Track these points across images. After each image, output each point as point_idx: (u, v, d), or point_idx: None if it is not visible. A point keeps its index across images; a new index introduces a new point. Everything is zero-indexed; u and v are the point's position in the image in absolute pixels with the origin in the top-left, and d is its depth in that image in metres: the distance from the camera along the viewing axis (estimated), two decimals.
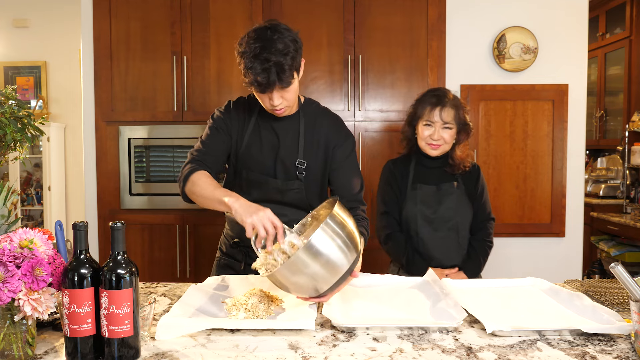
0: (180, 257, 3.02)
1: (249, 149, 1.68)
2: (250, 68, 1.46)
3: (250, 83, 1.49)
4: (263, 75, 1.45)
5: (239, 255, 1.78)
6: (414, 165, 2.03)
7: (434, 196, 1.97)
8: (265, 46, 1.45)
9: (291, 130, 1.69)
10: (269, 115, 1.67)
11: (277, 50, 1.45)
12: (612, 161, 4.66)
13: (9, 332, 1.02)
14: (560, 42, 3.15)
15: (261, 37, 1.46)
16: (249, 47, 1.46)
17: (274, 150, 1.68)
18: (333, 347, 1.11)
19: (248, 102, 1.73)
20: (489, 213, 2.04)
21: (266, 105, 1.58)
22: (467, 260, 1.98)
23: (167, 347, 1.10)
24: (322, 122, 1.72)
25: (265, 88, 1.49)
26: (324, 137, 1.70)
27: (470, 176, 2.03)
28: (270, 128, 1.69)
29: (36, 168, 5.00)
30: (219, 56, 2.97)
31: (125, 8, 3.00)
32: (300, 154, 1.67)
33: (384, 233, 2.01)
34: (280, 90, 1.51)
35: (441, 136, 1.94)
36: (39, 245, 1.05)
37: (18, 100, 1.42)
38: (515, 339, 1.15)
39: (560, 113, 3.14)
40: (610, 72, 4.68)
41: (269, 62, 1.44)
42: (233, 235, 1.81)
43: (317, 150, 1.69)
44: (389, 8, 2.96)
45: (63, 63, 5.01)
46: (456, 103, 1.96)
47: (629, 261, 3.90)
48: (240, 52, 1.49)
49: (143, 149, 3.00)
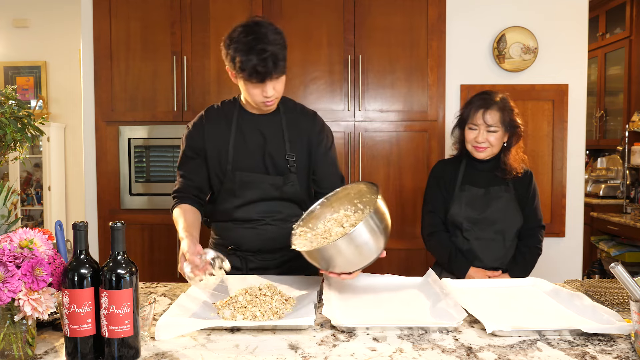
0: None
1: (237, 151, 1.69)
2: (246, 59, 1.50)
3: (248, 75, 1.52)
4: (262, 64, 1.49)
5: (237, 262, 1.75)
6: (464, 167, 2.00)
7: (482, 199, 1.94)
8: (258, 38, 1.50)
9: (274, 126, 1.71)
10: (249, 115, 1.71)
11: (270, 41, 1.51)
12: (612, 161, 4.66)
13: (9, 332, 1.02)
14: (560, 42, 3.15)
15: (252, 31, 1.52)
16: (241, 41, 1.51)
17: (261, 148, 1.69)
18: (333, 347, 1.11)
19: (222, 109, 1.75)
20: (540, 220, 1.99)
21: (257, 99, 1.60)
22: (514, 265, 1.94)
23: (167, 347, 1.11)
24: (300, 116, 1.76)
25: (264, 77, 1.52)
26: (304, 131, 1.73)
27: (522, 181, 1.98)
28: (254, 127, 1.71)
29: (36, 168, 5.00)
30: (219, 56, 2.94)
31: (125, 8, 3.00)
32: (288, 148, 1.70)
33: (428, 231, 2.00)
34: (274, 81, 1.56)
35: (486, 139, 1.90)
36: (39, 245, 1.05)
37: (18, 100, 1.42)
38: (515, 339, 1.15)
39: (560, 113, 3.14)
40: (610, 72, 4.68)
41: (266, 52, 1.49)
42: (227, 243, 1.79)
43: (300, 144, 1.72)
44: (389, 8, 2.96)
45: (63, 63, 5.01)
46: (503, 105, 1.91)
47: (629, 261, 3.90)
48: (231, 47, 1.53)
49: (143, 149, 3.00)
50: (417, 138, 3.00)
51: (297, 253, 1.83)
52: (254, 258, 1.76)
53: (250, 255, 1.75)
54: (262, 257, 1.76)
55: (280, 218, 1.72)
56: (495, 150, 1.94)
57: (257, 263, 1.76)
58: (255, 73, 1.51)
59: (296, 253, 1.82)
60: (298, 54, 2.94)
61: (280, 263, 1.77)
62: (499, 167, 1.96)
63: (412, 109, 3.00)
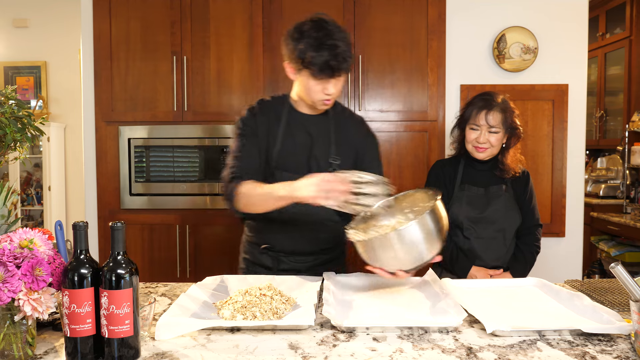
0: (180, 257, 3.02)
1: (283, 149, 1.67)
2: (318, 55, 1.49)
3: (318, 70, 1.51)
4: (334, 60, 1.50)
5: (268, 261, 1.76)
6: (463, 166, 2.02)
7: (482, 198, 1.96)
8: (329, 34, 1.51)
9: (322, 128, 1.70)
10: (298, 114, 1.70)
11: (341, 39, 1.52)
12: (612, 161, 4.66)
13: (9, 332, 1.02)
14: (560, 42, 3.15)
15: (322, 27, 1.52)
16: (312, 36, 1.50)
17: (307, 149, 1.68)
18: (333, 347, 1.11)
19: (273, 104, 1.72)
20: (537, 219, 2.02)
21: (317, 96, 1.59)
22: (515, 262, 1.97)
23: (167, 347, 1.10)
24: (349, 120, 1.75)
25: (334, 72, 1.52)
26: (352, 135, 1.72)
27: (520, 181, 2.00)
28: (302, 127, 1.69)
29: (36, 168, 5.00)
30: (219, 56, 2.97)
31: (125, 8, 3.00)
32: (334, 151, 1.69)
33: None
34: (338, 79, 1.57)
35: (487, 139, 1.91)
36: (39, 245, 1.05)
37: (18, 100, 1.42)
38: (515, 339, 1.15)
39: (560, 113, 3.14)
40: (610, 72, 4.68)
41: (338, 47, 1.50)
42: (260, 242, 1.77)
43: (346, 148, 1.71)
44: (389, 8, 2.96)
45: (63, 63, 5.01)
46: (504, 107, 1.93)
47: (629, 261, 3.90)
48: (302, 42, 1.52)
49: (143, 149, 3.00)
50: (417, 138, 3.01)
51: (328, 257, 1.82)
52: (286, 259, 1.75)
53: (283, 256, 1.75)
54: (295, 259, 1.75)
55: (315, 220, 1.70)
56: (495, 151, 1.95)
57: (289, 264, 1.75)
58: (327, 68, 1.51)
59: (328, 257, 1.82)
60: None
61: (312, 266, 1.76)
62: (497, 167, 1.98)
63: (412, 109, 3.00)
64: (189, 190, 3.00)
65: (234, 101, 2.98)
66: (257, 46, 2.96)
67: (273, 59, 2.95)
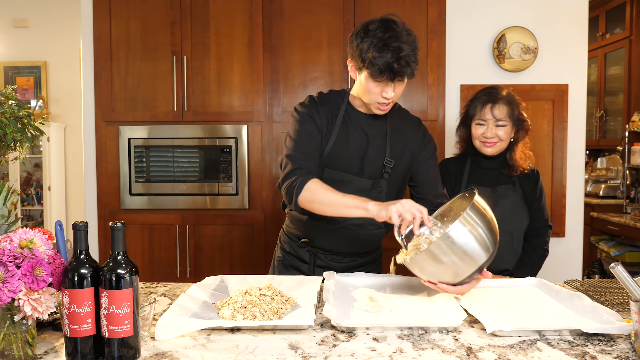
0: (180, 257, 3.02)
1: (337, 147, 1.64)
2: (380, 56, 1.45)
3: (378, 71, 1.46)
4: (396, 63, 1.45)
5: (305, 255, 1.76)
6: (470, 165, 1.97)
7: (489, 198, 1.87)
8: (396, 36, 1.46)
9: (379, 128, 1.67)
10: (356, 113, 1.66)
11: (407, 42, 1.47)
12: (612, 161, 4.66)
13: (9, 332, 1.02)
14: (560, 42, 3.15)
15: (389, 27, 1.47)
16: (377, 36, 1.46)
17: (361, 149, 1.65)
18: (333, 347, 1.11)
19: (331, 100, 1.68)
20: (547, 220, 1.96)
21: (375, 98, 1.54)
22: (520, 267, 1.91)
23: (167, 347, 1.10)
24: (406, 122, 1.71)
25: (395, 75, 1.47)
26: (409, 137, 1.69)
27: (529, 180, 1.94)
28: (359, 126, 1.66)
29: (36, 168, 5.00)
30: (219, 56, 2.97)
31: (125, 8, 3.00)
32: (388, 153, 1.65)
33: None
34: (398, 83, 1.52)
35: (495, 134, 1.86)
36: (39, 245, 1.05)
37: (18, 100, 1.42)
38: (515, 339, 1.15)
39: (560, 113, 3.14)
40: (610, 72, 4.68)
41: (402, 50, 1.45)
42: (300, 235, 1.77)
43: (402, 149, 1.68)
44: (389, 8, 2.95)
45: (63, 63, 5.01)
46: (510, 99, 1.88)
47: (629, 261, 3.90)
48: (366, 41, 1.47)
49: (143, 149, 3.00)
50: None
51: (364, 261, 1.83)
52: (323, 256, 1.75)
53: (320, 253, 1.75)
54: (332, 257, 1.76)
55: (357, 223, 1.68)
56: (503, 146, 1.90)
57: (325, 262, 1.76)
58: (388, 71, 1.46)
59: (364, 261, 1.82)
60: (298, 54, 2.94)
61: (347, 268, 1.76)
62: (505, 164, 1.93)
63: (412, 109, 2.99)
64: (189, 190, 3.00)
65: (234, 101, 2.98)
66: (257, 46, 2.95)
67: (273, 59, 2.95)
